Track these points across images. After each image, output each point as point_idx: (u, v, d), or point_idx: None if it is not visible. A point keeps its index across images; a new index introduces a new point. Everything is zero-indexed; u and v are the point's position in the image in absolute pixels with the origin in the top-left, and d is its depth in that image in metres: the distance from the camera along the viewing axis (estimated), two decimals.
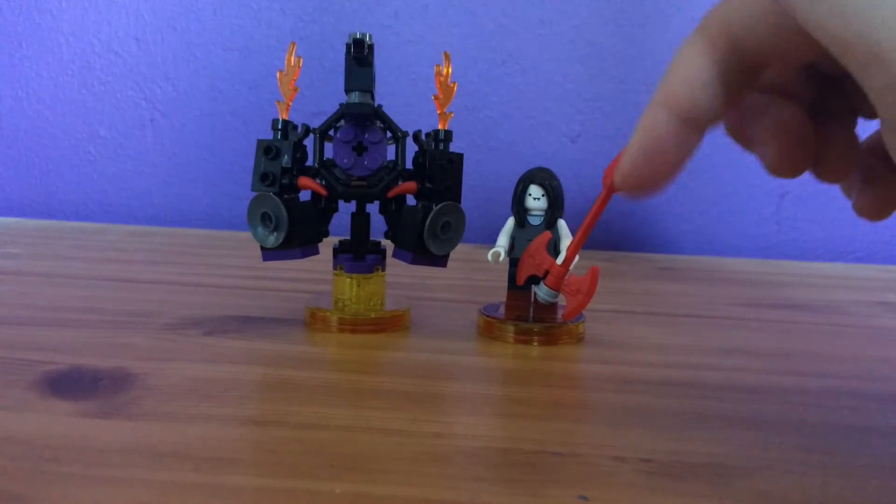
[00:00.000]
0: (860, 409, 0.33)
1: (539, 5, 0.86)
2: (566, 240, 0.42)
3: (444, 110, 0.42)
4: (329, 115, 0.42)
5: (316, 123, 0.42)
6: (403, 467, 0.24)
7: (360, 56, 0.40)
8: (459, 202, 0.42)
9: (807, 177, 0.26)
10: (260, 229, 0.40)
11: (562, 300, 0.42)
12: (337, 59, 0.41)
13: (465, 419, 0.30)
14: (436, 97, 0.42)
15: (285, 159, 0.40)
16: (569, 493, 0.23)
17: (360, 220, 0.44)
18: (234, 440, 0.26)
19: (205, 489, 0.22)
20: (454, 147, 0.42)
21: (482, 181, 0.86)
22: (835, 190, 0.28)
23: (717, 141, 0.91)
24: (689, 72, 0.23)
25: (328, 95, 0.45)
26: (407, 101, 0.86)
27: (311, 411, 0.29)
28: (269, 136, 0.41)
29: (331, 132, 0.42)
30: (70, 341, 0.37)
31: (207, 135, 0.91)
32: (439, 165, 0.41)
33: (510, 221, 0.44)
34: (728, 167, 0.87)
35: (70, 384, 0.31)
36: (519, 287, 0.43)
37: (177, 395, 0.30)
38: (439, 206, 0.41)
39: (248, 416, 0.28)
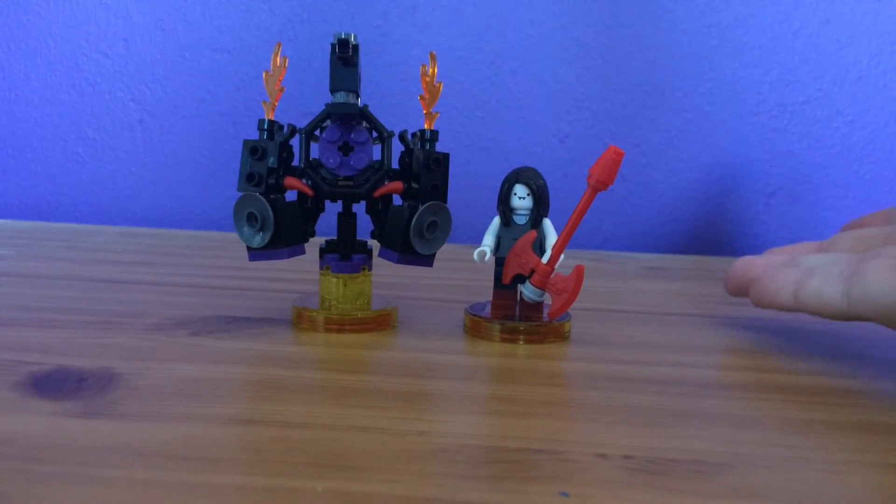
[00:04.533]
0: (840, 405, 0.33)
1: (528, 6, 0.87)
2: (551, 238, 0.43)
3: (430, 110, 0.42)
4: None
5: (305, 123, 0.42)
6: (386, 465, 0.24)
7: (344, 56, 0.40)
8: (446, 202, 0.42)
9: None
10: (246, 229, 0.41)
11: (548, 299, 0.42)
12: (326, 60, 0.41)
13: (450, 417, 0.30)
14: (422, 97, 0.42)
15: (271, 160, 0.41)
16: (550, 490, 0.23)
17: (347, 220, 0.44)
18: (217, 439, 0.26)
19: (187, 488, 0.22)
20: (443, 147, 0.42)
21: (471, 181, 0.86)
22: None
23: (705, 141, 0.92)
24: None
25: (317, 96, 0.45)
26: (396, 101, 0.86)
27: (295, 410, 0.29)
28: (257, 136, 0.41)
29: (317, 132, 0.42)
30: (55, 342, 0.37)
31: (196, 135, 0.91)
32: (425, 165, 0.42)
33: (496, 221, 0.44)
34: (715, 166, 0.88)
35: (54, 384, 0.31)
36: (505, 286, 0.43)
37: (161, 395, 0.30)
38: (425, 205, 0.41)
39: (233, 416, 0.28)
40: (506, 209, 0.43)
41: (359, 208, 0.44)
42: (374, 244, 0.44)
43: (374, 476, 0.23)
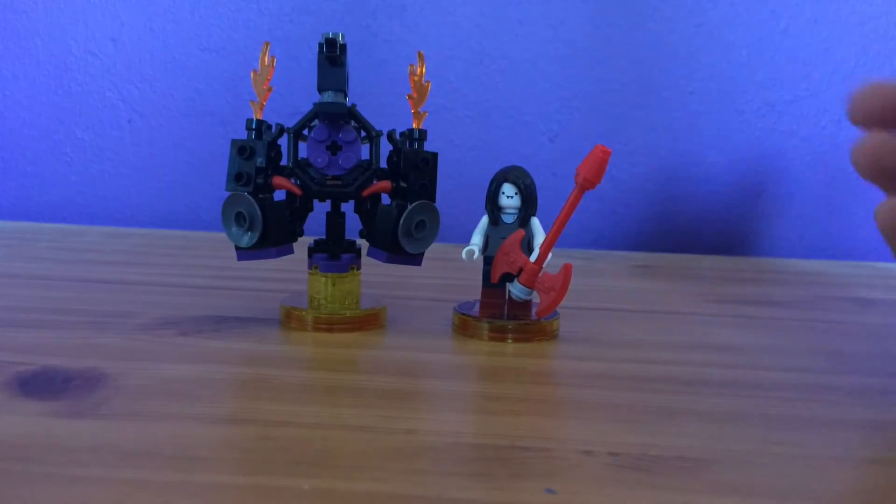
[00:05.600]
0: (827, 402, 0.33)
1: (516, 5, 0.87)
2: (539, 237, 0.43)
3: (419, 109, 0.43)
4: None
5: (293, 123, 0.42)
6: (373, 463, 0.24)
7: (332, 55, 0.40)
8: (434, 201, 0.42)
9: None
10: (234, 229, 0.40)
11: (536, 297, 0.43)
12: (314, 59, 0.41)
13: (438, 416, 0.30)
14: (410, 97, 0.42)
15: (259, 159, 0.41)
16: (537, 487, 0.23)
17: (336, 220, 0.44)
18: (204, 438, 0.26)
19: (174, 487, 0.22)
20: (432, 146, 0.43)
21: (460, 181, 0.86)
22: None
23: (694, 140, 0.92)
24: None
25: (305, 95, 0.45)
26: (384, 100, 0.86)
27: (283, 409, 0.29)
28: (245, 136, 0.41)
29: (305, 132, 0.42)
30: (43, 342, 0.37)
31: (185, 135, 0.91)
32: (414, 164, 0.42)
33: (484, 220, 0.44)
34: (703, 165, 0.88)
35: (41, 384, 0.31)
36: (493, 285, 0.43)
37: (149, 395, 0.30)
38: (414, 204, 0.41)
39: (220, 415, 0.28)
40: (494, 208, 0.44)
41: (347, 207, 0.44)
42: (364, 243, 0.44)
43: (361, 474, 0.24)
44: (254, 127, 0.41)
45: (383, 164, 0.43)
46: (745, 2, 0.86)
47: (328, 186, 0.42)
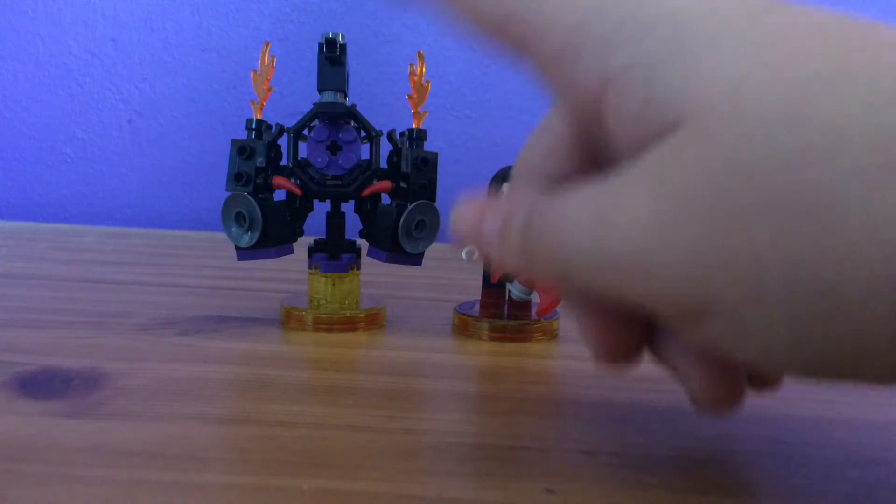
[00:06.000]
0: (825, 401, 0.33)
1: None
2: None
3: (419, 109, 0.43)
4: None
5: (293, 123, 0.42)
6: (372, 463, 0.24)
7: (332, 55, 0.40)
8: (434, 201, 0.42)
9: None
10: (234, 229, 0.40)
11: (536, 297, 0.43)
12: (314, 59, 0.41)
13: (438, 416, 0.30)
14: (410, 97, 0.42)
15: (259, 159, 0.41)
16: (536, 487, 0.23)
17: (336, 220, 0.44)
18: (203, 438, 0.26)
19: (172, 487, 0.22)
20: (433, 146, 0.43)
21: (460, 180, 0.86)
22: None
23: None
24: None
25: (305, 95, 0.45)
26: (384, 100, 0.86)
27: (283, 409, 0.29)
28: (245, 136, 0.41)
29: (305, 132, 0.42)
30: (42, 342, 0.37)
31: (185, 135, 0.91)
32: (413, 164, 0.42)
33: None
34: None
35: (40, 384, 0.31)
36: (493, 285, 0.43)
37: (148, 395, 0.30)
38: (413, 204, 0.41)
39: (220, 415, 0.28)
40: None
41: (347, 207, 0.44)
42: (364, 243, 0.44)
43: (359, 474, 0.24)
44: (254, 127, 0.41)
45: (383, 164, 0.43)
46: None
47: (328, 186, 0.42)
